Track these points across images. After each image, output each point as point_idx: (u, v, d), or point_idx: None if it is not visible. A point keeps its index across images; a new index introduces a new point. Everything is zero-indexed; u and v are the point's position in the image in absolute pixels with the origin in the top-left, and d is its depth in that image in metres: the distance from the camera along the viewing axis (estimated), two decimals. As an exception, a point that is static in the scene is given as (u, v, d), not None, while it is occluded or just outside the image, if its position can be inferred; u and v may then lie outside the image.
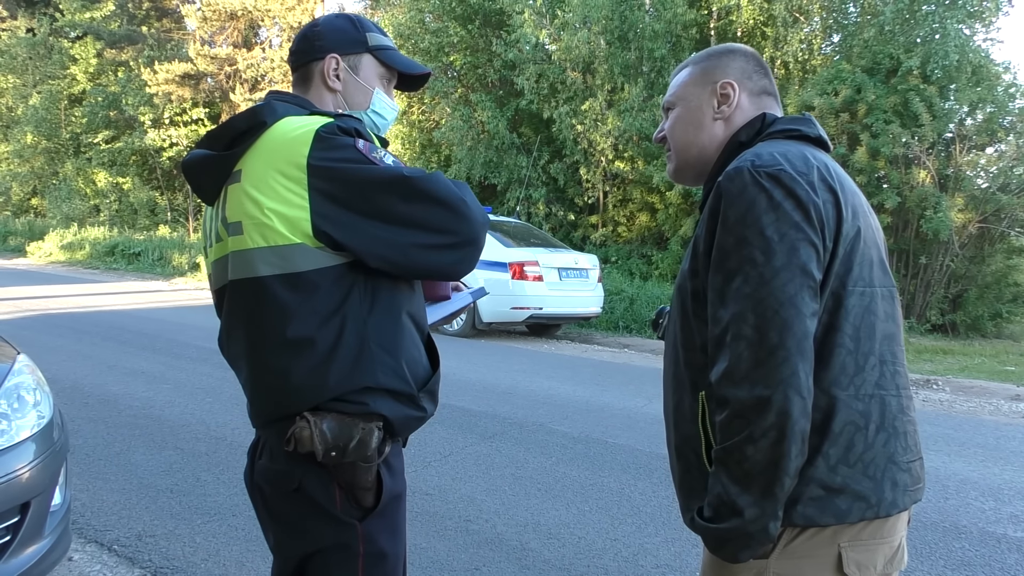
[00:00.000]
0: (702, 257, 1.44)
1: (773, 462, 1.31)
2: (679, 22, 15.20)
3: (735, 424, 1.33)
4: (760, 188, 1.36)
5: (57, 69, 31.44)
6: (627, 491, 4.62)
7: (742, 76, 1.64)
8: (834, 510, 1.37)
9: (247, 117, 1.65)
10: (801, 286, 1.33)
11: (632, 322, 12.87)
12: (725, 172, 1.42)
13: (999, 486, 4.93)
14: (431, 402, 1.71)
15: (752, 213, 1.35)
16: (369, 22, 1.86)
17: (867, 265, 1.43)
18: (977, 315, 13.53)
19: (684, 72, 1.70)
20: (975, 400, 7.97)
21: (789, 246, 1.34)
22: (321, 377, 1.57)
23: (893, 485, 1.41)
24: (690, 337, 1.50)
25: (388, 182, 1.57)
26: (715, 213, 1.41)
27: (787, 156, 1.42)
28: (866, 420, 1.40)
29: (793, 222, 1.35)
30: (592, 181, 16.03)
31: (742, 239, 1.35)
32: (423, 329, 1.74)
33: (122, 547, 3.68)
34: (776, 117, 1.60)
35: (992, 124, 13.31)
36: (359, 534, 1.62)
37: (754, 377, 1.32)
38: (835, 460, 1.37)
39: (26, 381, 2.96)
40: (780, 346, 1.31)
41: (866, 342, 1.41)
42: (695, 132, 1.65)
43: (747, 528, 1.34)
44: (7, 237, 30.09)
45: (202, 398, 6.53)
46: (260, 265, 1.59)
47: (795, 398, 1.31)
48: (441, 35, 18.41)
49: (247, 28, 29.09)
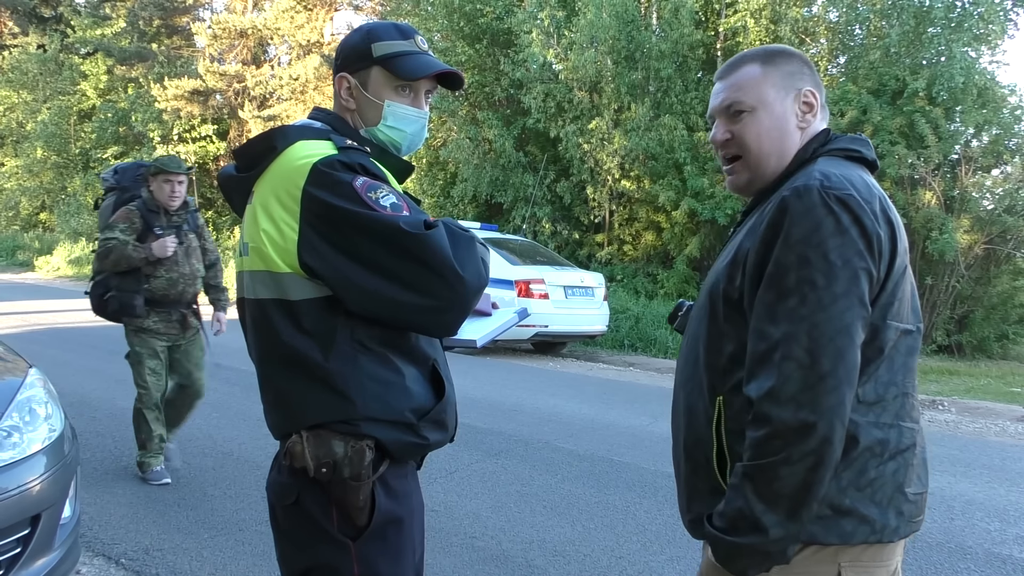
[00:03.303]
0: (750, 269, 1.42)
1: (806, 486, 1.31)
2: (686, 42, 15.25)
3: (773, 444, 1.32)
4: (829, 210, 1.34)
5: (67, 85, 31.63)
6: (632, 509, 4.62)
7: (816, 86, 1.59)
8: (839, 531, 1.38)
9: (261, 141, 1.68)
10: (857, 316, 1.33)
11: (637, 340, 12.85)
12: (793, 188, 1.39)
13: (1004, 507, 4.92)
14: (438, 431, 1.68)
15: (818, 235, 1.33)
16: (386, 28, 1.78)
17: (905, 301, 1.44)
18: (983, 336, 13.48)
19: (754, 71, 1.57)
20: (981, 421, 7.95)
21: (851, 273, 1.33)
22: (315, 402, 1.59)
23: (898, 514, 1.42)
24: (716, 341, 1.48)
25: (378, 231, 1.53)
26: (776, 227, 1.38)
27: (853, 181, 1.39)
28: (883, 448, 1.40)
29: (858, 250, 1.33)
30: (598, 200, 16.04)
31: (804, 259, 1.33)
32: (426, 360, 1.69)
33: (130, 560, 3.70)
34: (834, 133, 1.57)
35: (998, 146, 13.31)
36: (353, 555, 1.60)
37: (801, 400, 1.31)
38: (847, 483, 1.38)
39: (37, 394, 2.99)
40: (831, 374, 1.30)
41: (891, 374, 1.41)
42: (780, 140, 1.56)
43: (768, 547, 1.34)
44: (16, 251, 30.17)
45: (208, 413, 6.52)
46: (260, 287, 1.63)
47: (839, 427, 1.31)
48: (449, 54, 18.49)
49: (256, 45, 29.27)
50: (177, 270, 4.72)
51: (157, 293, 4.68)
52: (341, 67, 1.77)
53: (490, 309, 2.10)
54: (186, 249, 4.80)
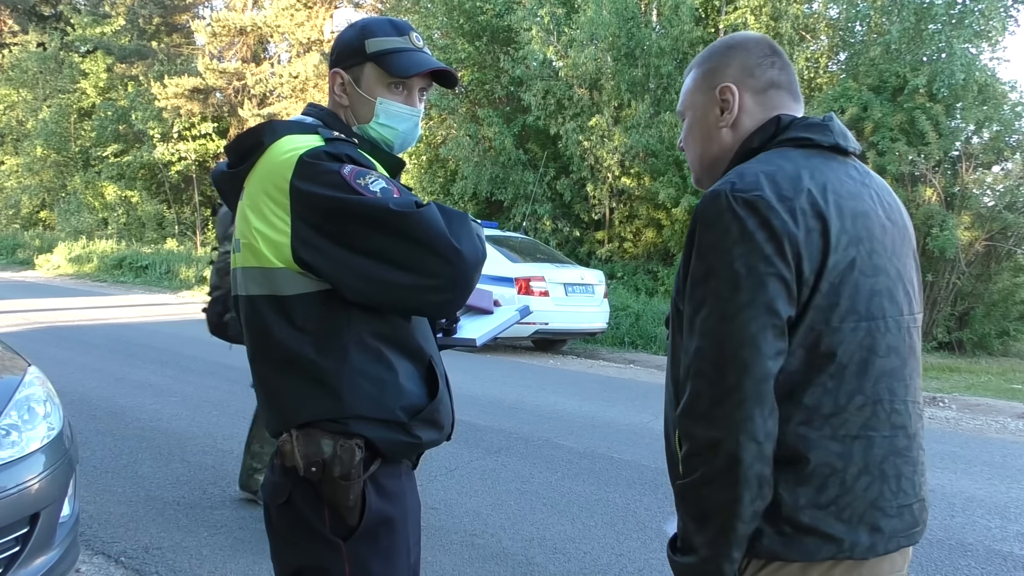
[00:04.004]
0: (679, 281, 1.39)
1: (726, 505, 1.27)
2: (686, 39, 15.24)
3: (693, 462, 1.30)
4: (734, 216, 1.28)
5: (67, 83, 31.64)
6: (633, 506, 4.62)
7: (742, 75, 1.51)
8: (800, 549, 1.31)
9: (249, 136, 1.67)
10: (764, 325, 1.26)
11: (638, 338, 12.86)
12: (706, 193, 1.34)
13: (1005, 504, 4.92)
14: (431, 429, 1.65)
15: (723, 243, 1.28)
16: (380, 25, 1.76)
17: (864, 297, 1.32)
18: (984, 333, 13.49)
19: (689, 76, 1.60)
20: (982, 418, 7.95)
21: (756, 281, 1.26)
22: (304, 400, 1.58)
23: (872, 530, 1.32)
24: (676, 353, 1.44)
25: (367, 213, 1.51)
26: (691, 237, 1.34)
27: (774, 178, 1.32)
28: (844, 463, 1.31)
29: (763, 255, 1.26)
30: (598, 197, 16.04)
31: (712, 270, 1.29)
32: (421, 357, 1.67)
33: (129, 559, 3.70)
34: (793, 119, 1.46)
35: (998, 143, 13.31)
36: (344, 555, 1.58)
37: (710, 417, 1.27)
38: (804, 501, 1.30)
39: (36, 393, 2.99)
40: (736, 388, 1.25)
41: (852, 380, 1.31)
42: (705, 143, 1.55)
43: (702, 567, 1.32)
44: (16, 249, 30.19)
45: (209, 411, 6.54)
46: (251, 284, 1.61)
47: (748, 443, 1.25)
48: (449, 51, 18.50)
49: (256, 43, 29.30)
50: None
51: None
52: (335, 63, 1.76)
53: (491, 307, 2.08)
54: None
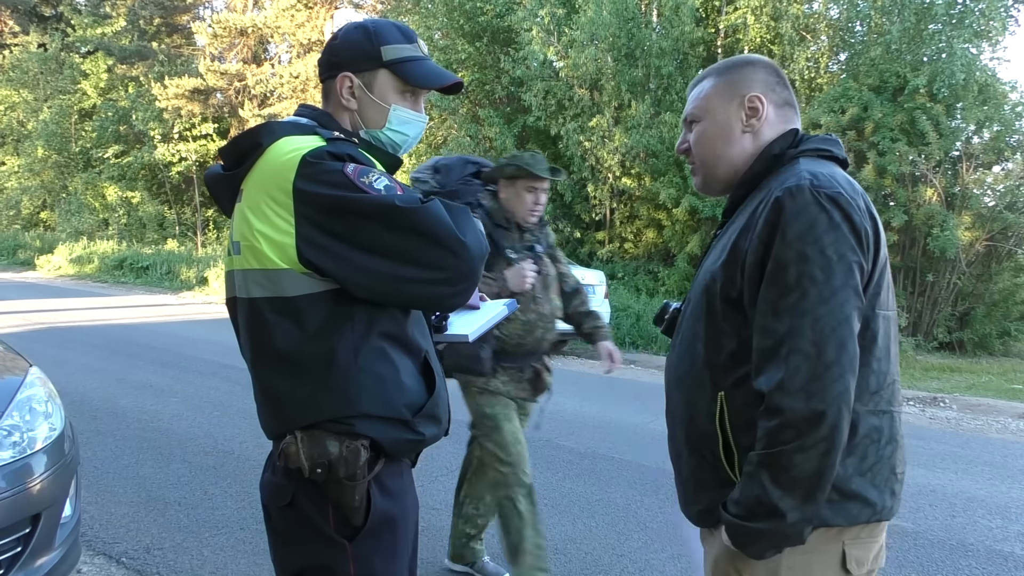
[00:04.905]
0: (750, 268, 1.48)
1: (819, 471, 1.38)
2: (686, 40, 15.23)
3: (786, 433, 1.38)
4: (821, 208, 1.41)
5: (68, 84, 31.62)
6: (634, 507, 4.62)
7: (767, 88, 1.66)
8: (846, 514, 1.47)
9: (246, 138, 1.66)
10: (854, 307, 1.41)
11: (639, 338, 12.85)
12: (785, 188, 1.45)
13: (1006, 504, 4.92)
14: (432, 425, 1.67)
15: (814, 231, 1.40)
16: (390, 30, 1.75)
17: (887, 290, 1.51)
18: (984, 333, 13.47)
19: (706, 84, 1.70)
20: (982, 418, 7.94)
21: (847, 267, 1.40)
22: (310, 400, 1.58)
23: (892, 494, 1.53)
24: (715, 339, 1.54)
25: (374, 211, 1.52)
26: (773, 226, 1.44)
27: (837, 179, 1.47)
28: (879, 434, 1.49)
29: (850, 244, 1.41)
30: (599, 198, 16.03)
31: (802, 255, 1.40)
32: (419, 353, 1.69)
33: (130, 560, 3.70)
34: (804, 134, 1.65)
35: (999, 143, 13.30)
36: (349, 555, 1.59)
37: (810, 390, 1.37)
38: (852, 469, 1.46)
39: (38, 393, 2.99)
40: (836, 363, 1.37)
41: (886, 362, 1.50)
42: (724, 146, 1.66)
43: (786, 530, 1.41)
44: (17, 250, 30.18)
45: (210, 412, 6.55)
46: (252, 286, 1.61)
47: (846, 413, 1.38)
48: (449, 52, 18.50)
49: (257, 44, 29.27)
50: (535, 309, 3.34)
51: (509, 342, 3.33)
52: (343, 66, 1.73)
53: (478, 302, 2.10)
54: (544, 279, 3.41)
